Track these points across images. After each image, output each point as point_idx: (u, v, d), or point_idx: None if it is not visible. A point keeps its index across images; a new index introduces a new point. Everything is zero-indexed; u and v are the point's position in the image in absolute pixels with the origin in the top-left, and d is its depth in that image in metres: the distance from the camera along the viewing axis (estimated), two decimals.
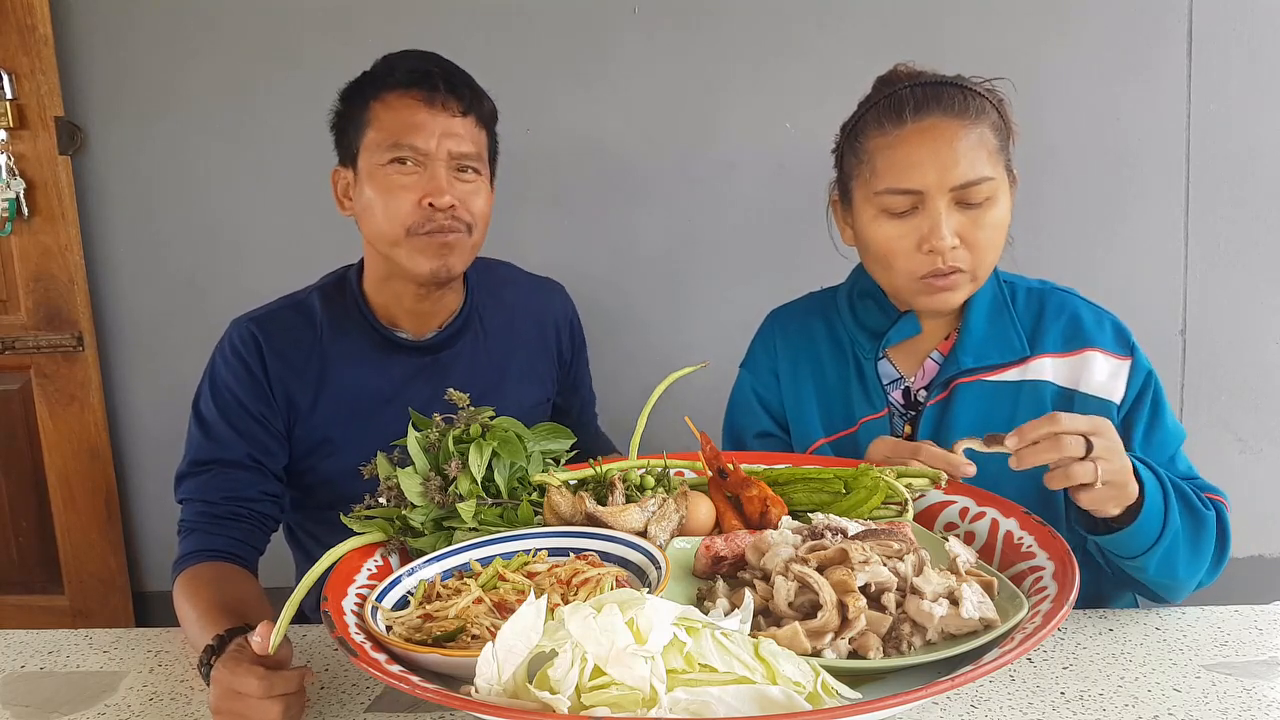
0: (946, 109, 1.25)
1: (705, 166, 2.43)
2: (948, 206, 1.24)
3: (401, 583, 0.99)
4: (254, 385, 1.46)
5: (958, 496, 1.13)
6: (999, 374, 1.33)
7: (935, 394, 1.35)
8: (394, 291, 1.50)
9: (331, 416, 1.48)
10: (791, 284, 1.65)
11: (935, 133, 1.24)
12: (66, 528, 2.64)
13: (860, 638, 0.87)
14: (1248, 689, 1.02)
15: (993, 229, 1.25)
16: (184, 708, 1.06)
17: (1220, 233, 2.39)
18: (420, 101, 1.42)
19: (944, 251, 1.24)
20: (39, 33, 2.40)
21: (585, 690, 0.72)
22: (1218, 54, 2.32)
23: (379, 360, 1.51)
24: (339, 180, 1.52)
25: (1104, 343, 1.32)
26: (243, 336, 1.49)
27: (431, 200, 1.40)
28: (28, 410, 2.61)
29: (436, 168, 1.41)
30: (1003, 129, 1.28)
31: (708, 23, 2.38)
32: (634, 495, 1.09)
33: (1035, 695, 1.01)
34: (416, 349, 1.52)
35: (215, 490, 1.42)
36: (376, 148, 1.42)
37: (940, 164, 1.23)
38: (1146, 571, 1.16)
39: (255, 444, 1.44)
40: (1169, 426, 1.32)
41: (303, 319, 1.51)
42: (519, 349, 1.62)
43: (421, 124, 1.41)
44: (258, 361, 1.47)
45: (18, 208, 2.47)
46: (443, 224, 1.41)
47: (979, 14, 2.33)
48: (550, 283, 1.73)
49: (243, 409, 1.45)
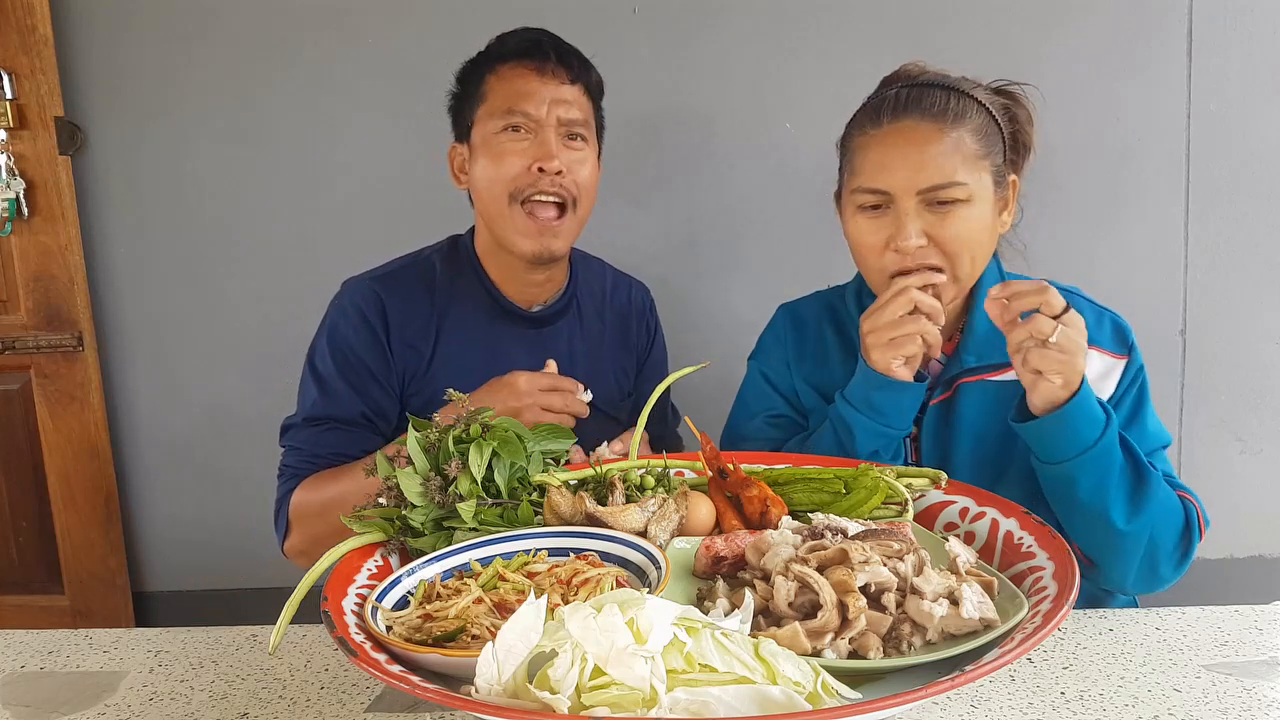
0: (924, 112, 1.27)
1: (705, 166, 2.43)
2: (916, 208, 1.26)
3: (401, 583, 0.99)
4: (374, 343, 1.48)
5: (958, 496, 1.13)
6: (1002, 374, 1.33)
7: (939, 393, 1.35)
8: (504, 261, 1.54)
9: (443, 376, 1.50)
10: (791, 284, 1.66)
11: (907, 135, 1.27)
12: (66, 528, 2.64)
13: (860, 638, 0.87)
14: (1248, 689, 1.02)
15: (964, 230, 1.26)
16: (184, 708, 1.06)
17: (1220, 233, 2.39)
18: (532, 70, 1.49)
19: (908, 251, 1.26)
20: (39, 33, 2.40)
21: (585, 690, 0.72)
22: (1218, 54, 2.32)
23: (490, 325, 1.55)
24: (455, 156, 1.57)
25: (1101, 341, 1.33)
26: (365, 294, 1.51)
27: (541, 165, 1.45)
28: (28, 410, 2.62)
29: (546, 133, 1.47)
30: (990, 133, 1.29)
31: (707, 23, 2.38)
32: (634, 495, 1.09)
33: (1035, 695, 1.01)
34: (524, 318, 1.57)
35: (325, 445, 1.46)
36: (490, 117, 1.48)
37: (909, 166, 1.25)
38: (1078, 493, 1.17)
39: (370, 402, 1.47)
40: (1149, 427, 1.32)
41: (423, 279, 1.55)
42: (606, 338, 1.66)
43: (533, 91, 1.47)
44: (380, 319, 1.49)
45: (18, 208, 2.47)
46: (549, 190, 1.46)
47: (979, 14, 2.33)
48: (634, 280, 1.78)
49: (363, 366, 1.48)
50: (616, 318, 1.70)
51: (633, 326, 1.72)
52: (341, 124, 2.46)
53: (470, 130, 1.52)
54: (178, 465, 2.62)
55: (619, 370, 1.68)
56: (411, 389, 1.51)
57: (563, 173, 1.46)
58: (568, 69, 1.50)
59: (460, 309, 1.54)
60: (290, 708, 1.05)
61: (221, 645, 1.19)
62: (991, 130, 1.29)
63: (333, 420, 1.47)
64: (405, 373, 1.51)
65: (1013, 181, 1.34)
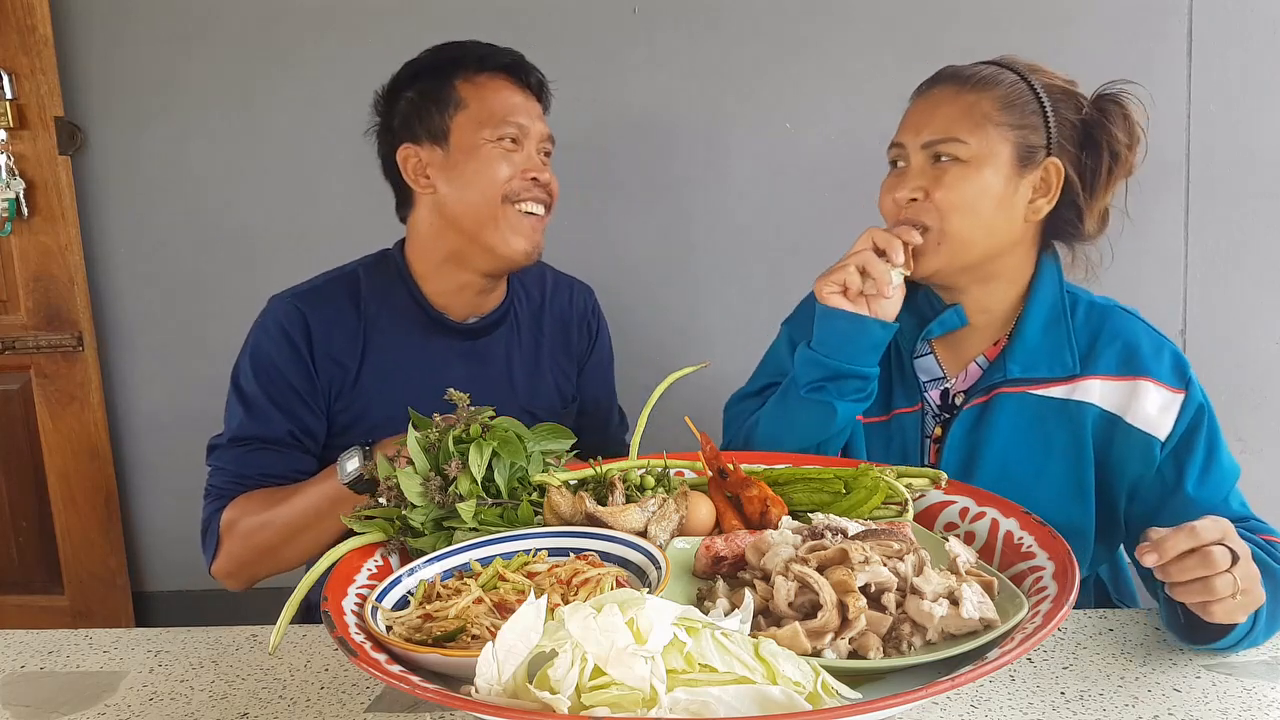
0: (955, 79, 1.30)
1: (705, 166, 2.42)
2: (921, 164, 1.28)
3: (401, 583, 0.99)
4: (298, 361, 1.47)
5: (958, 496, 1.13)
6: (1045, 389, 1.29)
7: (974, 398, 1.32)
8: (452, 275, 1.53)
9: (372, 392, 1.49)
10: (791, 284, 1.65)
11: (933, 97, 1.30)
12: (66, 528, 2.64)
13: (860, 638, 0.87)
14: (1248, 689, 1.02)
15: (959, 191, 1.25)
16: (184, 708, 1.06)
17: (1220, 233, 2.39)
18: (514, 86, 1.52)
19: (900, 203, 1.29)
20: (39, 33, 2.40)
21: (585, 690, 0.72)
22: (1218, 54, 2.32)
23: (422, 338, 1.53)
24: (410, 158, 1.53)
25: (1160, 374, 1.27)
26: (287, 312, 1.50)
27: (535, 175, 1.49)
28: (28, 410, 2.61)
29: (531, 147, 1.51)
30: (1023, 106, 1.26)
31: (708, 23, 2.37)
32: (634, 495, 1.09)
33: (1035, 695, 1.01)
34: (458, 331, 1.55)
35: (252, 466, 1.45)
36: (477, 124, 1.48)
37: (920, 121, 1.29)
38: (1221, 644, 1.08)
39: (297, 421, 1.46)
40: (1224, 465, 1.27)
41: (348, 292, 1.53)
42: (546, 345, 1.65)
43: (520, 105, 1.51)
44: (303, 336, 1.48)
45: (18, 208, 2.47)
46: (540, 197, 1.50)
47: (979, 14, 2.32)
48: (574, 281, 1.76)
49: (287, 385, 1.47)
50: (557, 323, 1.68)
51: (574, 330, 1.70)
52: (341, 124, 2.46)
53: (444, 134, 1.50)
54: (178, 465, 2.61)
55: (560, 376, 1.66)
56: (339, 405, 1.49)
57: (549, 183, 1.53)
58: (540, 90, 1.57)
59: (389, 322, 1.52)
60: (290, 708, 1.05)
61: (221, 645, 1.19)
62: (1026, 104, 1.26)
63: (259, 440, 1.45)
64: (331, 389, 1.49)
65: (1051, 164, 1.28)
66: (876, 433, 1.37)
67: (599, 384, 1.76)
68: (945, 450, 1.33)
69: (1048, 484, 1.28)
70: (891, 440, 1.37)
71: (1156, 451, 1.26)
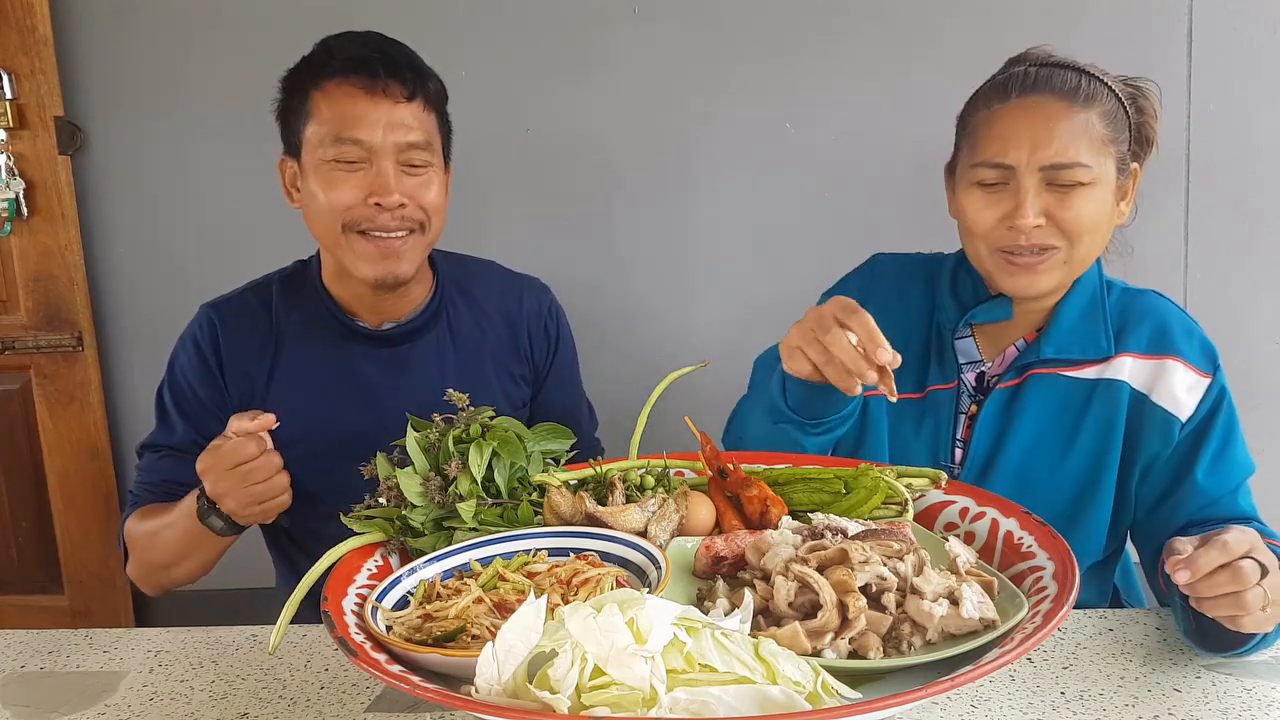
0: (1054, 90, 1.24)
1: (705, 166, 2.42)
2: (1037, 185, 1.23)
3: (401, 583, 0.99)
4: (205, 371, 1.47)
5: (958, 496, 1.13)
6: (1077, 370, 1.30)
7: (1009, 378, 1.32)
8: (346, 285, 1.48)
9: (284, 401, 1.44)
10: (791, 284, 1.65)
11: (1035, 110, 1.24)
12: (66, 528, 2.64)
13: (860, 638, 0.87)
14: (1248, 689, 1.02)
15: (1086, 212, 1.23)
16: (184, 707, 1.06)
17: (1220, 233, 2.39)
18: (361, 89, 1.36)
19: (1025, 230, 1.23)
20: (39, 33, 2.40)
21: (585, 690, 0.72)
22: (1218, 54, 2.32)
23: (337, 346, 1.48)
24: (285, 170, 1.48)
25: (1190, 355, 1.28)
26: (200, 323, 1.50)
27: (379, 200, 1.34)
28: (28, 410, 2.61)
29: (383, 163, 1.35)
30: (1119, 120, 1.25)
31: (707, 23, 2.37)
32: (634, 495, 1.09)
33: (1035, 695, 1.01)
34: (375, 339, 1.49)
35: (158, 472, 1.45)
36: (319, 142, 1.37)
37: (1034, 141, 1.22)
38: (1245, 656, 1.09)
39: (203, 430, 1.43)
40: (1238, 458, 1.28)
41: (260, 302, 1.51)
42: (489, 348, 1.56)
43: (363, 114, 1.35)
44: (211, 347, 1.47)
45: (17, 208, 2.47)
46: (389, 225, 1.36)
47: (979, 14, 2.32)
48: (526, 280, 1.64)
49: (193, 395, 1.47)
50: (503, 325, 1.58)
51: (524, 332, 1.60)
52: None
53: (299, 150, 1.41)
54: None
55: (508, 380, 1.57)
56: None
57: (405, 204, 1.36)
58: (402, 84, 1.37)
59: (300, 331, 1.48)
60: (290, 708, 1.05)
61: (221, 645, 1.19)
62: (1120, 117, 1.26)
63: (167, 448, 1.46)
64: (240, 399, 1.46)
65: (1134, 170, 1.29)
66: (910, 409, 1.37)
67: (566, 386, 1.67)
68: (977, 427, 1.33)
69: (1074, 462, 1.29)
70: (924, 416, 1.37)
71: (1176, 431, 1.27)
